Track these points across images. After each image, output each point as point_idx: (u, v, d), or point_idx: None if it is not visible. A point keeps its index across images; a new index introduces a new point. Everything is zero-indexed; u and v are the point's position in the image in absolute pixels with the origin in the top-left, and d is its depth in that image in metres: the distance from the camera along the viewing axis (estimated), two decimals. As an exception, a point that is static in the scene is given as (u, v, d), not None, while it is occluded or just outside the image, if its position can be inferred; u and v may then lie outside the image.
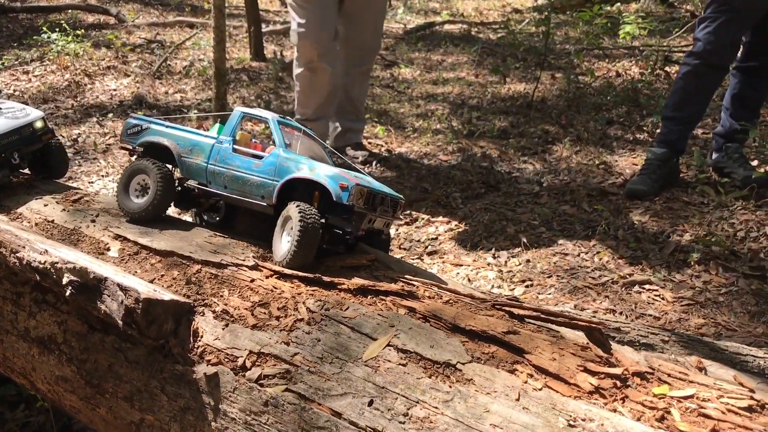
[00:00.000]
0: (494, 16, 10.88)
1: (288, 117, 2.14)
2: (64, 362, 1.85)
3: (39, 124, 2.40)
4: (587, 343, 1.51)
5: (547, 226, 4.04)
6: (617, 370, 1.39)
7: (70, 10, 10.33)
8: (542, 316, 1.58)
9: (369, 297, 1.67)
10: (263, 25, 8.96)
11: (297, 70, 4.55)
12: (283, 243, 1.80)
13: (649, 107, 5.71)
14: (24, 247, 1.78)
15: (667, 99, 4.41)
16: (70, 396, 1.89)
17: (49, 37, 7.77)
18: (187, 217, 2.45)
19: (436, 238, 4.08)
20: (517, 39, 7.98)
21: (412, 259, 3.76)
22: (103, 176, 5.11)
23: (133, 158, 2.17)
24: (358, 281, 1.71)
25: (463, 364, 1.44)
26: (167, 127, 2.14)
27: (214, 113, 2.35)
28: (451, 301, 1.67)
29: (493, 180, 4.66)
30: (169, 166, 2.09)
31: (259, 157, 1.98)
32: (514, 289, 3.53)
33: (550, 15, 6.30)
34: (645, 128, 5.38)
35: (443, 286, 1.76)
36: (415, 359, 1.47)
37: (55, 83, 7.27)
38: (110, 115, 6.32)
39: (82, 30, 8.54)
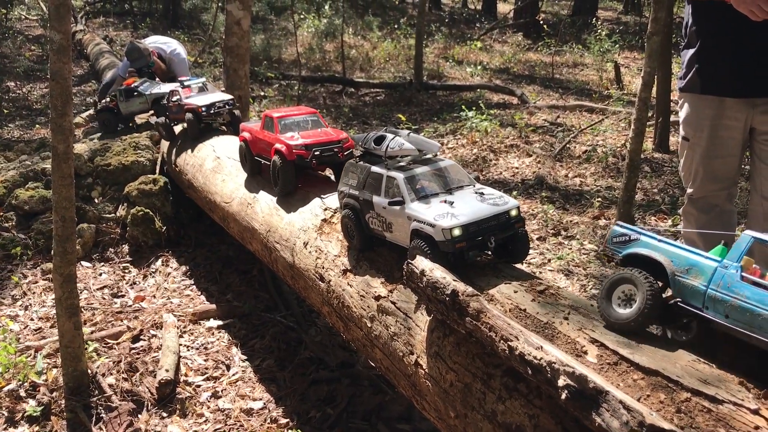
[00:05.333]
0: None
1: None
2: (530, 456, 1.87)
3: (514, 213, 2.55)
4: None
5: None
6: None
7: (478, 90, 11.28)
8: None
9: None
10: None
11: None
12: None
13: None
14: (518, 339, 1.86)
15: None
16: (528, 491, 1.90)
17: (466, 115, 8.54)
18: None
19: None
20: None
21: None
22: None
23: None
24: None
25: None
26: (659, 241, 2.07)
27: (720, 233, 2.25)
28: None
29: None
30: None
31: None
32: None
33: None
34: None
35: None
36: None
37: (464, 156, 7.93)
38: (514, 192, 6.63)
39: (494, 110, 9.23)
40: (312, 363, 4.00)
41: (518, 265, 2.69)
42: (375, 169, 2.77)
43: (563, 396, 1.67)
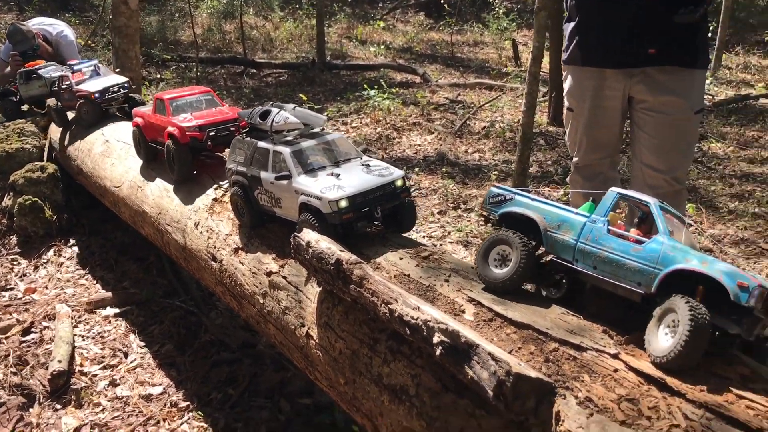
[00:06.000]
0: (822, 91, 9.69)
1: (666, 204, 2.04)
2: (413, 415, 1.93)
3: (399, 183, 2.60)
4: None
5: None
6: None
7: (382, 69, 11.33)
8: None
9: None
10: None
11: None
12: (661, 338, 1.69)
13: None
14: (397, 301, 1.91)
15: None
16: (414, 448, 1.96)
17: (368, 93, 8.58)
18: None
19: (759, 339, 3.65)
20: None
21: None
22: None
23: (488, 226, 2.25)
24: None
25: None
26: (532, 199, 2.17)
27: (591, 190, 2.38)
28: None
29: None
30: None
31: (639, 242, 1.91)
32: None
33: None
34: None
35: None
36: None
37: (368, 135, 7.98)
38: (416, 168, 6.74)
39: (395, 88, 9.30)
40: (213, 346, 3.96)
41: (409, 234, 2.74)
42: (261, 144, 2.75)
43: (438, 352, 1.74)
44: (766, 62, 11.94)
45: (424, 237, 5.33)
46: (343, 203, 2.43)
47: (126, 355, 3.93)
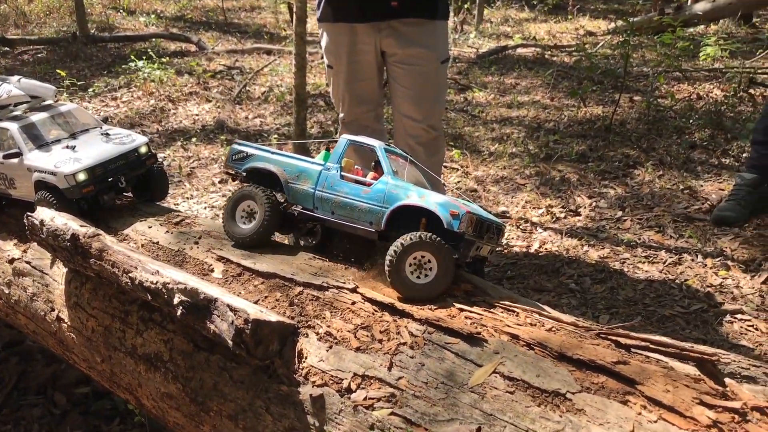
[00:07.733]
0: (567, 39, 10.79)
1: (392, 144, 2.16)
2: (170, 379, 1.91)
3: (143, 150, 2.51)
4: (699, 375, 1.47)
5: (631, 252, 3.95)
6: (736, 404, 1.35)
7: (154, 39, 10.77)
8: (651, 346, 1.54)
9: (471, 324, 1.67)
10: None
11: None
12: (409, 274, 1.80)
13: (734, 130, 5.54)
14: (136, 268, 1.86)
15: (756, 123, 4.29)
16: (174, 413, 1.95)
17: (136, 65, 8.13)
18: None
19: (516, 263, 4.05)
20: (593, 62, 7.90)
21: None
22: (187, 198, 5.29)
23: (234, 183, 2.25)
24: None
25: (573, 393, 1.43)
26: (273, 153, 2.19)
27: (326, 140, 2.42)
28: (554, 329, 1.66)
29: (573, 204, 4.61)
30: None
31: (368, 185, 2.01)
32: (598, 316, 3.46)
33: (630, 38, 6.22)
34: (731, 152, 5.21)
35: (545, 312, 1.74)
36: (523, 387, 1.46)
37: (141, 108, 7.58)
38: (194, 139, 6.54)
39: (167, 58, 8.90)
40: (-28, 350, 3.61)
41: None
42: (-15, 122, 2.52)
43: (179, 312, 1.73)
44: (523, 15, 13.03)
45: (206, 207, 5.22)
46: (81, 176, 2.30)
47: None
